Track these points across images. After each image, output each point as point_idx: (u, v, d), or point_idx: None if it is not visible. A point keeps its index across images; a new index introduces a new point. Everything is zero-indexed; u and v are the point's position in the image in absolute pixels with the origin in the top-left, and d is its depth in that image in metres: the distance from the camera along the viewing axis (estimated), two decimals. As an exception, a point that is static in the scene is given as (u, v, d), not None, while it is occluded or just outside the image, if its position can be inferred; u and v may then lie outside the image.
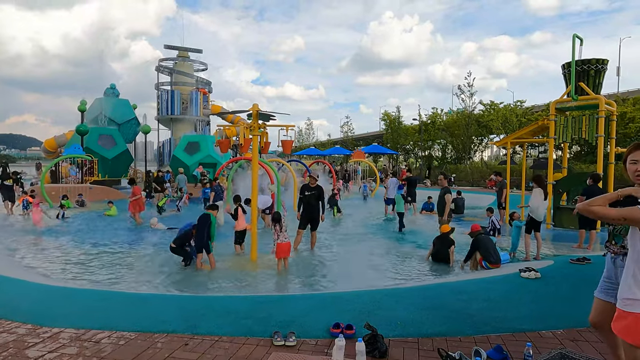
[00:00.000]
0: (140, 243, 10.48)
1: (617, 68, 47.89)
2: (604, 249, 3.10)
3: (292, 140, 9.51)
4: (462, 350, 3.66)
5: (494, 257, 7.50)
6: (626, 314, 2.45)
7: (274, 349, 3.86)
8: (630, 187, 2.65)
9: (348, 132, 57.69)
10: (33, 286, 6.15)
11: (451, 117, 41.44)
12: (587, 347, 3.90)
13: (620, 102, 28.38)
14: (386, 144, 46.05)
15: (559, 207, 12.28)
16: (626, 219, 2.38)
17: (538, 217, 8.43)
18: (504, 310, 4.86)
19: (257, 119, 8.45)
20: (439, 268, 8.19)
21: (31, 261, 8.60)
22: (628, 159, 2.75)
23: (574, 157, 30.97)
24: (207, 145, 24.91)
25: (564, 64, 12.78)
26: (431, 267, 8.24)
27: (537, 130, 13.85)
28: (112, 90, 30.07)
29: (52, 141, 32.02)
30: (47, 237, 11.15)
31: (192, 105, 30.71)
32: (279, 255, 7.81)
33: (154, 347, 3.89)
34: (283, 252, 7.79)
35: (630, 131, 26.93)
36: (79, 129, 23.10)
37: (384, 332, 4.04)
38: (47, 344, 3.94)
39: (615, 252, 2.98)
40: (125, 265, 8.40)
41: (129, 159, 27.26)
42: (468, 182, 31.66)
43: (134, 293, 6.11)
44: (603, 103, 11.34)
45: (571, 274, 6.40)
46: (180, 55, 32.22)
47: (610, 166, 11.81)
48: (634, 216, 2.32)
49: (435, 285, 6.23)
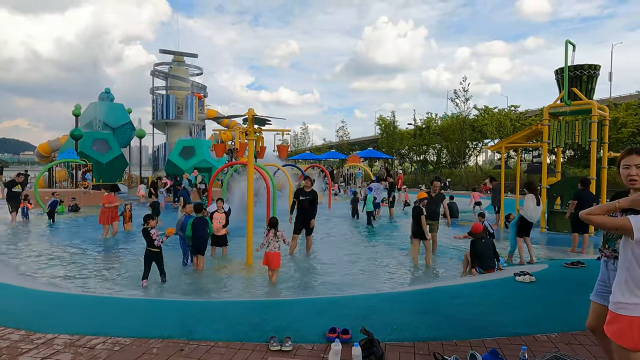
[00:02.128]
0: (136, 248, 10.42)
1: (609, 73, 48.49)
2: (598, 253, 3.13)
3: (287, 145, 9.53)
4: (458, 354, 3.67)
5: (489, 264, 7.32)
6: (618, 317, 2.49)
7: (270, 354, 3.85)
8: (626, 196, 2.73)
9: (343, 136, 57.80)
10: (26, 292, 6.10)
11: (446, 122, 41.68)
12: (581, 351, 3.92)
13: (612, 107, 28.71)
14: (381, 148, 46.21)
15: (553, 211, 12.38)
16: (617, 228, 2.54)
17: (531, 219, 8.49)
18: (499, 314, 4.88)
19: (252, 124, 8.46)
20: (434, 272, 8.21)
21: (25, 267, 8.53)
22: (621, 164, 2.80)
23: (568, 161, 31.22)
24: (203, 150, 24.88)
25: (557, 70, 12.91)
26: (426, 272, 8.26)
27: (531, 134, 13.96)
28: (107, 95, 29.97)
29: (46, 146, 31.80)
30: (40, 243, 11.07)
31: (188, 110, 30.66)
32: (267, 265, 7.41)
33: (149, 353, 3.87)
34: (271, 263, 7.31)
35: (623, 136, 27.22)
36: (73, 134, 23.00)
37: (380, 336, 4.04)
38: (41, 350, 3.91)
39: (607, 255, 3.02)
40: (120, 270, 8.35)
41: (124, 163, 27.15)
42: (463, 186, 31.81)
43: (128, 298, 6.08)
44: (596, 108, 11.46)
45: (565, 277, 6.43)
46: (175, 59, 32.18)
47: (603, 170, 11.93)
48: (624, 226, 2.46)
49: (431, 290, 6.24)
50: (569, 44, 11.93)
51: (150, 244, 7.35)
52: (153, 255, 7.35)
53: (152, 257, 7.35)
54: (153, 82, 31.38)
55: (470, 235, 7.66)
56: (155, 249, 7.34)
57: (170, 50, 32.03)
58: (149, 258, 7.34)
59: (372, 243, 11.38)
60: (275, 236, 7.39)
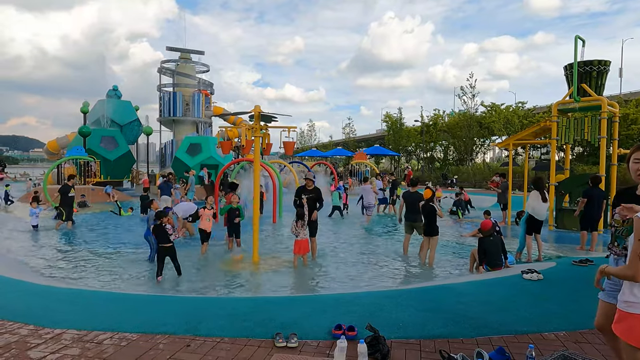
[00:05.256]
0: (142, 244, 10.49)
1: (620, 69, 47.86)
2: (607, 251, 3.09)
3: (294, 142, 9.51)
4: (464, 352, 3.65)
5: (497, 261, 7.26)
6: (626, 315, 2.47)
7: (276, 351, 3.86)
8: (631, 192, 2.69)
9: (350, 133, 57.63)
10: (35, 287, 6.17)
11: (453, 119, 41.43)
12: (589, 349, 3.88)
13: (622, 104, 28.32)
14: (388, 145, 46.05)
15: (561, 209, 12.26)
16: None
17: (539, 217, 8.42)
18: (506, 312, 4.85)
19: (259, 120, 8.46)
20: (440, 270, 8.17)
21: (33, 263, 8.63)
22: (631, 159, 2.76)
23: (577, 158, 30.89)
24: (209, 147, 24.94)
25: (566, 66, 12.75)
26: (432, 269, 8.22)
27: (539, 131, 13.82)
28: (114, 92, 30.16)
29: (54, 143, 32.15)
30: (47, 239, 11.18)
31: (194, 107, 30.75)
32: (299, 252, 8.15)
33: (156, 349, 3.89)
34: (302, 248, 8.13)
35: (633, 132, 26.86)
36: (81, 131, 23.19)
37: (386, 333, 4.03)
38: (50, 345, 3.95)
39: (617, 253, 2.98)
40: (126, 266, 8.41)
41: (131, 160, 27.34)
42: (470, 183, 31.63)
43: (135, 294, 6.12)
44: (605, 104, 11.31)
45: (573, 275, 6.37)
46: (182, 57, 32.26)
47: (613, 167, 11.78)
48: None
49: (437, 287, 6.21)
50: (579, 39, 11.78)
51: (163, 240, 7.41)
52: (166, 250, 7.45)
53: (166, 252, 7.45)
54: (160, 80, 31.49)
55: (480, 233, 7.63)
56: (168, 244, 7.44)
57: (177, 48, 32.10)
58: (162, 254, 7.45)
59: (377, 240, 11.35)
60: (303, 227, 8.14)
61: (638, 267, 2.38)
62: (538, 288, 5.75)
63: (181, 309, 4.99)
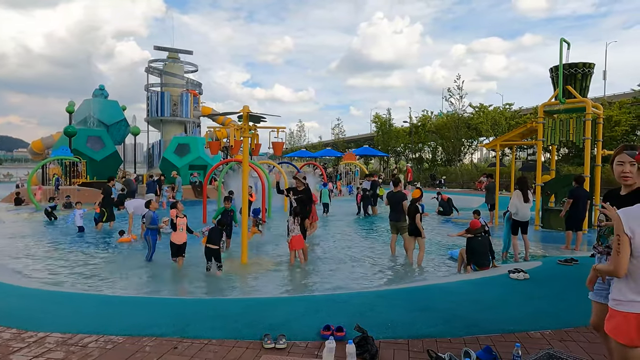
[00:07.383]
0: (128, 246, 10.37)
1: (604, 72, 48.73)
2: (592, 250, 3.14)
3: (282, 142, 9.48)
4: (451, 352, 3.67)
5: (484, 261, 7.34)
6: (615, 313, 2.50)
7: (264, 352, 3.84)
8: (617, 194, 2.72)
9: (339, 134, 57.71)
10: (17, 289, 6.05)
11: (441, 120, 41.75)
12: (575, 347, 3.93)
13: (606, 106, 28.82)
14: (377, 146, 46.22)
15: (547, 209, 12.43)
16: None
17: (522, 218, 8.49)
18: (493, 311, 4.89)
19: (247, 121, 8.42)
20: (429, 270, 8.22)
21: (15, 265, 8.46)
22: (615, 161, 2.81)
23: (562, 159, 31.37)
24: (198, 147, 24.78)
25: (551, 68, 12.95)
26: (420, 269, 8.26)
27: (526, 132, 14.00)
28: (101, 91, 29.78)
29: (39, 143, 31.58)
30: (33, 240, 10.98)
31: (182, 107, 30.53)
32: (295, 248, 8.28)
33: (143, 351, 3.85)
34: (298, 245, 8.30)
35: (617, 134, 27.35)
36: (66, 131, 22.81)
37: (375, 334, 4.03)
38: (33, 349, 3.87)
39: (601, 252, 3.02)
40: (112, 268, 8.30)
41: (118, 160, 26.99)
42: (458, 184, 31.91)
43: (122, 296, 6.04)
44: (590, 106, 11.51)
45: (559, 274, 6.46)
46: (170, 56, 32.00)
47: (597, 168, 11.99)
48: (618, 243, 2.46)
49: (425, 287, 6.25)
50: (564, 42, 11.98)
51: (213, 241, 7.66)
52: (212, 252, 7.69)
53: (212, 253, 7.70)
54: (148, 79, 31.19)
55: (468, 232, 7.68)
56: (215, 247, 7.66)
57: (164, 47, 31.84)
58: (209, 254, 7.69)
59: (365, 241, 11.37)
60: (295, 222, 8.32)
61: (617, 262, 2.41)
62: (524, 287, 5.82)
63: (169, 311, 4.94)
